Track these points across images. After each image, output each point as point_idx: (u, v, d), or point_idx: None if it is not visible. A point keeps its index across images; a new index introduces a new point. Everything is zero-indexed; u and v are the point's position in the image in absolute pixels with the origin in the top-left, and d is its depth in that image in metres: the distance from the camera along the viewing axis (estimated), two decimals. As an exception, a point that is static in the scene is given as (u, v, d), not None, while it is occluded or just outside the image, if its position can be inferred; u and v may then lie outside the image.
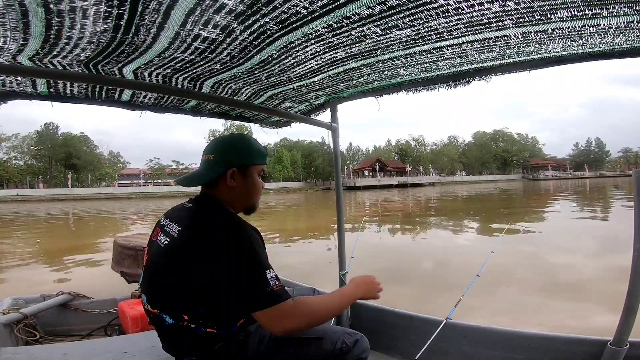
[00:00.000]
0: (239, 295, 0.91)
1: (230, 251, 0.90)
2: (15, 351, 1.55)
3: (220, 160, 1.07)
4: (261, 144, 1.16)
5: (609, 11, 0.93)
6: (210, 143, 1.14)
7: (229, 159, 1.08)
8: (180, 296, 0.95)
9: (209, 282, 0.91)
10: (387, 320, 2.12)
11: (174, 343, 1.01)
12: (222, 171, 1.06)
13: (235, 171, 1.07)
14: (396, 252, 7.34)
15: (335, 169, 2.21)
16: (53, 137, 62.49)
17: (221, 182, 1.07)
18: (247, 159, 1.10)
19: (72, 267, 6.60)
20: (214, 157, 1.08)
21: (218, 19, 0.94)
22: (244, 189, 1.10)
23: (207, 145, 1.14)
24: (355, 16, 0.95)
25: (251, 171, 1.11)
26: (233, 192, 1.08)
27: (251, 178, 1.12)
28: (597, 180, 61.65)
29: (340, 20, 0.97)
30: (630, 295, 1.32)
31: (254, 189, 1.13)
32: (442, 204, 22.26)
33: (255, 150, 1.12)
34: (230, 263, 0.90)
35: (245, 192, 1.11)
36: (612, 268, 5.00)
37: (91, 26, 0.94)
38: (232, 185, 1.07)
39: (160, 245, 1.03)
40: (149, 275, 1.05)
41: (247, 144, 1.12)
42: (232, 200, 1.10)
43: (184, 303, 0.95)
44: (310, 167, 75.39)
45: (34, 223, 17.44)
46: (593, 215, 12.53)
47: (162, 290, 0.99)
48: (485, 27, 1.05)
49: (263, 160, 1.15)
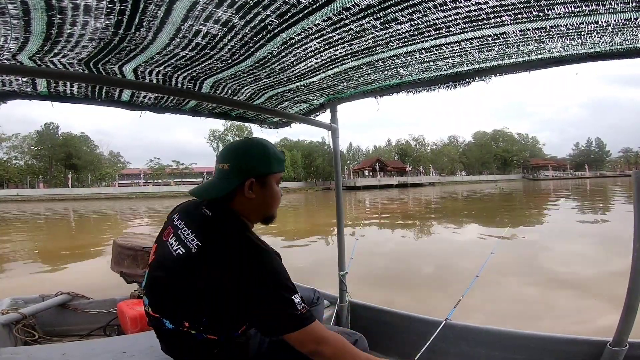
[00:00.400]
0: (268, 319, 0.89)
1: (259, 280, 0.87)
2: (14, 351, 1.55)
3: (237, 170, 1.00)
4: (277, 149, 1.08)
5: (605, 7, 0.93)
6: (225, 150, 1.06)
7: (246, 169, 1.00)
8: (186, 307, 0.92)
9: (224, 302, 0.88)
10: (386, 320, 2.12)
11: (173, 346, 1.00)
12: (239, 182, 0.99)
13: (254, 182, 1.00)
14: (396, 252, 7.34)
15: (335, 170, 2.21)
16: (53, 137, 62.54)
17: (238, 194, 1.00)
18: (266, 167, 1.03)
19: (71, 267, 6.61)
20: (229, 167, 1.00)
21: (219, 14, 0.94)
22: (262, 200, 1.03)
23: (220, 151, 1.06)
24: (354, 7, 0.95)
25: (270, 180, 1.04)
26: (250, 204, 1.02)
27: (270, 187, 1.04)
28: (598, 180, 61.64)
29: (339, 12, 0.97)
30: (629, 295, 1.32)
31: (272, 199, 1.06)
32: (442, 204, 22.25)
33: (274, 157, 1.04)
34: (258, 291, 0.86)
35: (263, 203, 1.04)
36: (612, 269, 5.00)
37: (93, 22, 0.94)
38: (250, 197, 1.00)
39: (172, 251, 0.96)
40: (154, 278, 1.01)
41: (265, 150, 1.03)
42: (249, 212, 1.03)
43: (188, 313, 0.92)
44: (311, 167, 75.42)
45: (34, 223, 17.45)
46: (594, 215, 12.54)
47: (167, 297, 0.96)
48: (483, 23, 1.05)
49: (281, 167, 1.08)
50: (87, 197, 49.34)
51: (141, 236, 2.76)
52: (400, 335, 2.05)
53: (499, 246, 2.41)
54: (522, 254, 6.31)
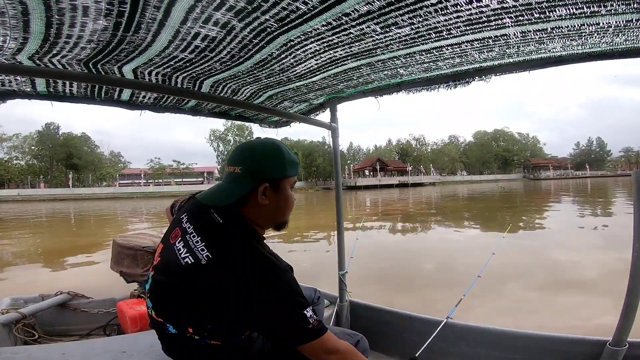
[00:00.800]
0: (281, 333, 0.89)
1: (272, 297, 0.85)
2: (14, 351, 1.55)
3: (249, 174, 0.94)
4: (292, 152, 1.03)
5: (607, 9, 0.93)
6: (236, 151, 0.99)
7: (260, 173, 0.94)
8: (190, 314, 0.90)
9: (232, 313, 0.87)
10: (386, 320, 2.12)
11: (175, 349, 0.99)
12: (251, 187, 0.94)
13: (268, 187, 0.95)
14: (396, 252, 7.33)
15: (335, 169, 2.20)
16: (54, 137, 62.77)
17: (251, 199, 0.95)
18: (281, 171, 0.97)
19: (71, 266, 6.62)
20: (241, 170, 0.94)
21: (218, 16, 0.94)
22: (276, 205, 0.98)
23: (231, 153, 1.00)
24: (354, 13, 0.94)
25: (284, 185, 0.99)
26: (263, 210, 0.97)
27: (284, 192, 0.99)
28: (598, 179, 61.57)
29: (339, 17, 0.97)
30: (629, 295, 1.32)
31: (286, 204, 1.01)
32: (442, 203, 22.23)
33: (288, 161, 0.98)
34: (271, 309, 0.86)
35: (277, 209, 0.99)
36: (613, 270, 4.99)
37: (92, 24, 0.94)
38: (263, 203, 0.95)
39: (180, 258, 0.92)
40: (158, 282, 0.97)
41: (280, 153, 0.98)
42: (261, 218, 0.99)
43: (192, 319, 0.91)
44: (311, 166, 75.35)
45: (35, 222, 17.46)
46: (594, 215, 12.52)
47: (171, 303, 0.94)
48: (484, 25, 1.05)
49: (296, 171, 1.02)
50: (87, 197, 49.43)
51: (141, 236, 2.75)
52: (400, 334, 2.05)
53: (501, 246, 2.41)
54: (525, 254, 6.30)
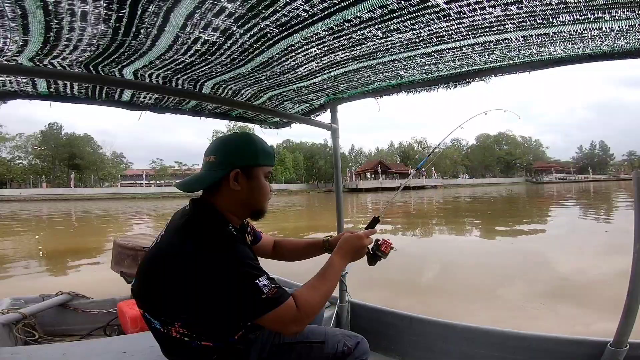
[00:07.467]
0: (235, 309, 0.88)
1: (215, 269, 0.86)
2: (14, 351, 1.55)
3: (223, 162, 1.00)
4: (268, 144, 1.09)
5: (611, 15, 0.93)
6: (212, 143, 1.06)
7: (232, 160, 1.00)
8: (159, 303, 0.93)
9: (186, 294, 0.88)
10: (386, 321, 2.11)
11: (171, 351, 0.99)
12: (224, 173, 0.99)
13: (239, 173, 0.99)
14: (396, 253, 7.29)
15: (335, 170, 2.20)
16: (57, 137, 62.96)
17: (224, 185, 1.00)
18: (252, 159, 1.03)
19: (72, 266, 6.63)
20: (215, 158, 1.01)
21: (218, 22, 0.94)
22: (249, 193, 1.02)
23: (209, 145, 1.06)
24: (356, 19, 0.95)
25: (257, 172, 1.03)
26: (237, 196, 1.01)
27: (257, 180, 1.03)
28: (601, 183, 61.36)
29: (341, 23, 0.97)
30: (630, 296, 1.31)
31: (260, 192, 1.05)
32: (444, 206, 22.19)
33: (261, 150, 1.04)
34: (217, 281, 0.86)
35: (250, 196, 1.03)
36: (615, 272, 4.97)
37: (90, 29, 0.95)
38: (235, 189, 0.99)
39: (149, 252, 1.00)
40: (137, 273, 1.03)
41: (252, 143, 1.04)
42: (235, 205, 1.03)
43: (164, 310, 0.92)
44: (313, 168, 75.45)
45: (36, 222, 17.51)
46: (596, 218, 12.47)
47: (144, 294, 0.97)
48: (486, 30, 1.05)
49: (270, 161, 1.07)
50: (89, 197, 49.49)
51: (141, 236, 2.77)
52: (400, 335, 2.04)
53: (503, 248, 2.40)
54: (526, 258, 6.28)
